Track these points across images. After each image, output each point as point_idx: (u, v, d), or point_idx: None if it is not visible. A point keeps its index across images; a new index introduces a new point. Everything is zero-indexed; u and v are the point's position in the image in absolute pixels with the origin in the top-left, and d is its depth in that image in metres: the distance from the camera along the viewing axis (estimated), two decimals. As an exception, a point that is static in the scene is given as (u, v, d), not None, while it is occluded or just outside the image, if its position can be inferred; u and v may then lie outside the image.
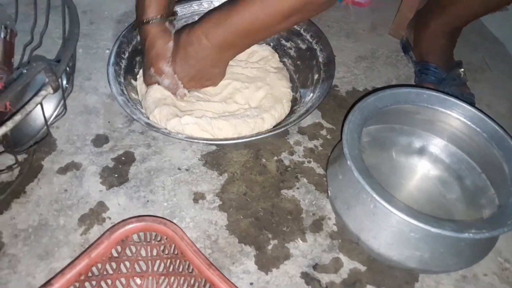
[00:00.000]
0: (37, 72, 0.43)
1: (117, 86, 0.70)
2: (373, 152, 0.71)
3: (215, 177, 0.70)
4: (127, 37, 0.78)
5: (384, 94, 0.64)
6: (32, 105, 0.44)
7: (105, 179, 0.68)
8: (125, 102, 0.68)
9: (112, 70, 0.73)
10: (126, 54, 0.78)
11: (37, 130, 0.60)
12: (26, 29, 0.81)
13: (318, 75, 0.79)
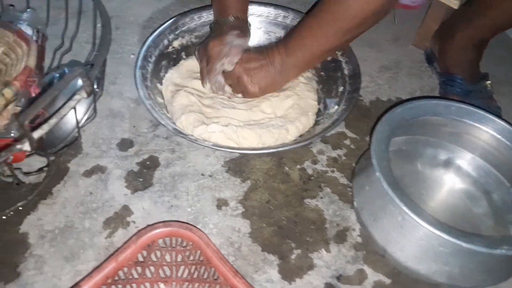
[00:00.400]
0: (74, 77, 0.44)
1: (144, 90, 0.71)
2: (397, 163, 0.70)
3: (238, 184, 0.70)
4: (154, 40, 0.80)
5: (412, 106, 0.64)
6: (66, 109, 0.45)
7: (130, 183, 0.69)
8: (152, 106, 0.69)
9: (140, 73, 0.73)
10: (153, 58, 0.79)
11: (68, 133, 0.61)
12: (55, 33, 0.83)
13: (343, 88, 0.78)
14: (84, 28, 0.83)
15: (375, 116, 0.84)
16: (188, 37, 0.85)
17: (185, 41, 0.85)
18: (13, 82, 0.47)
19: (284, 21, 0.88)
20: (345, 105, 0.75)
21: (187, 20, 0.85)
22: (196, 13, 0.86)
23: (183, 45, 0.85)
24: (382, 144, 0.58)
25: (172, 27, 0.83)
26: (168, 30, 0.83)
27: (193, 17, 0.85)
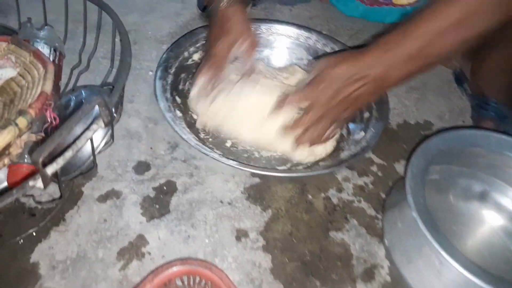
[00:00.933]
0: (92, 107, 0.41)
1: (164, 102, 0.69)
2: (429, 194, 0.66)
3: (259, 213, 0.66)
4: (174, 52, 0.78)
5: (448, 136, 0.59)
6: (83, 140, 0.42)
7: (145, 209, 0.65)
8: (173, 119, 0.66)
9: (160, 84, 0.71)
10: (173, 70, 0.77)
11: (84, 161, 0.58)
12: (72, 47, 0.80)
13: (370, 114, 0.74)
14: (102, 42, 0.81)
15: (403, 140, 0.79)
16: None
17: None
18: (28, 111, 0.45)
19: (306, 42, 0.85)
20: (372, 131, 0.71)
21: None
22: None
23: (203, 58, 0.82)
24: (418, 179, 0.54)
25: (193, 39, 0.81)
26: (188, 42, 0.80)
27: None
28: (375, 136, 0.69)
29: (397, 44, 0.58)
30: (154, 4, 1.01)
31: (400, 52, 0.58)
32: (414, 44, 0.58)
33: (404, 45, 0.58)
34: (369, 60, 0.59)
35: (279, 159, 0.72)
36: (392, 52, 0.58)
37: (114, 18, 0.61)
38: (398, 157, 0.77)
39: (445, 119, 0.85)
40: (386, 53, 0.59)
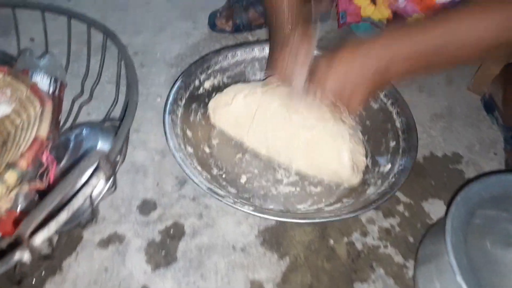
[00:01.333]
0: (91, 164, 0.36)
1: (174, 140, 0.63)
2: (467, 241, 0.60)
3: (275, 261, 0.60)
4: (185, 81, 0.72)
5: (491, 181, 0.53)
6: (80, 198, 0.36)
7: (150, 256, 0.59)
8: (183, 160, 0.60)
9: (169, 119, 0.65)
10: (183, 101, 0.70)
11: (82, 211, 0.52)
12: (75, 71, 0.75)
13: (396, 143, 0.68)
14: (108, 64, 0.75)
15: (430, 175, 0.73)
16: (220, 77, 0.77)
17: (217, 81, 0.77)
18: (19, 163, 0.39)
19: None
20: (401, 164, 0.65)
21: (220, 58, 0.77)
22: (230, 50, 0.78)
23: (214, 86, 0.77)
24: (459, 233, 0.48)
25: (204, 65, 0.75)
26: (200, 69, 0.74)
27: (226, 55, 0.77)
28: (405, 171, 0.62)
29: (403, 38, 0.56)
30: (164, 23, 0.96)
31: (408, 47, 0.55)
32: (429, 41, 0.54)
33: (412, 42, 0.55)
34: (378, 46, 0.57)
35: (298, 195, 0.66)
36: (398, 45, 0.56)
37: (120, 48, 0.55)
38: (426, 194, 0.70)
39: (474, 151, 0.78)
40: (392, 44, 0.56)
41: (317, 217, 0.58)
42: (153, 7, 0.99)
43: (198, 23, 0.96)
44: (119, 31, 0.92)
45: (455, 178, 0.73)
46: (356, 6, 0.86)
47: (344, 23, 0.91)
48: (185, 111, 0.70)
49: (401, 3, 0.76)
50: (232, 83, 0.76)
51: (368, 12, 0.86)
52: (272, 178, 0.68)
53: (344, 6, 0.88)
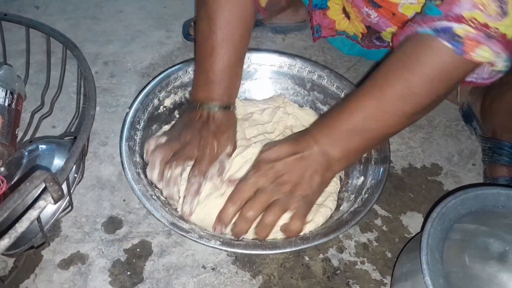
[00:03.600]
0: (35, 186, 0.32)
1: (132, 170, 0.57)
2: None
3: (247, 280, 0.57)
4: (142, 102, 0.65)
5: (468, 196, 0.51)
6: (25, 223, 0.33)
7: (115, 277, 0.56)
8: (144, 193, 0.55)
9: (126, 147, 0.59)
10: (141, 124, 0.64)
11: (36, 232, 0.48)
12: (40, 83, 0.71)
13: (369, 154, 0.66)
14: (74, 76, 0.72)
15: (409, 187, 0.71)
16: (181, 93, 0.72)
17: (178, 98, 0.71)
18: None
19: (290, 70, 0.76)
20: (372, 176, 0.63)
21: (180, 74, 0.71)
22: (190, 65, 0.71)
23: (175, 102, 0.71)
24: (436, 252, 0.46)
25: (163, 83, 0.69)
26: (158, 87, 0.68)
27: (187, 69, 0.71)
28: (378, 185, 0.60)
29: (336, 120, 0.56)
30: (137, 32, 0.93)
31: (339, 128, 0.56)
32: (353, 119, 0.55)
33: (343, 121, 0.56)
34: (308, 137, 0.57)
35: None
36: (331, 128, 0.56)
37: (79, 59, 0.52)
38: (405, 208, 0.68)
39: (454, 162, 0.77)
40: (324, 129, 0.57)
41: (288, 246, 0.53)
42: (125, 15, 0.96)
43: (172, 32, 0.93)
44: (89, 40, 0.90)
45: (434, 190, 0.72)
46: (330, 20, 0.85)
47: (319, 37, 0.89)
48: (145, 135, 0.65)
49: (374, 18, 0.75)
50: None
51: (342, 26, 0.85)
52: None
53: (318, 20, 0.87)
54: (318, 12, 0.86)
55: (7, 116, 0.54)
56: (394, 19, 0.73)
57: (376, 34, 0.82)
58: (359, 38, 0.85)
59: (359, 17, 0.79)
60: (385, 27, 0.76)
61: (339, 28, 0.86)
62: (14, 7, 0.95)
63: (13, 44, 0.80)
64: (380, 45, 0.84)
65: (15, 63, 0.77)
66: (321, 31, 0.88)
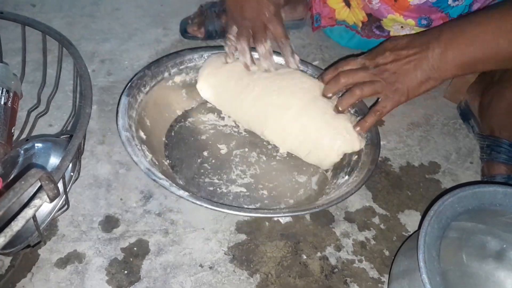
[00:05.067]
0: (30, 185, 0.32)
1: (125, 120, 0.60)
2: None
3: (245, 279, 0.57)
4: (152, 69, 0.70)
5: (465, 194, 0.51)
6: (21, 221, 0.33)
7: (112, 276, 0.56)
8: (129, 140, 0.58)
9: (126, 101, 0.63)
10: (146, 88, 0.68)
11: (32, 231, 0.48)
12: (37, 82, 0.71)
13: (358, 156, 0.66)
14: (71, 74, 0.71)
15: (406, 185, 0.71)
16: (193, 75, 0.75)
17: (189, 78, 0.75)
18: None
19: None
20: (358, 176, 0.63)
21: (196, 57, 0.75)
22: (207, 51, 0.75)
23: (185, 82, 0.74)
24: (433, 251, 0.45)
25: (177, 60, 0.73)
26: (171, 63, 0.72)
27: (203, 54, 0.75)
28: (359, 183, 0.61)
29: (464, 27, 0.57)
30: (134, 30, 0.93)
31: (467, 33, 0.56)
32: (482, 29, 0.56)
33: (472, 28, 0.56)
34: (432, 38, 0.58)
35: (249, 197, 0.64)
36: (459, 33, 0.57)
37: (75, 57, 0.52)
38: (402, 206, 0.68)
39: (451, 160, 0.77)
40: (451, 34, 0.57)
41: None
42: (122, 13, 0.96)
43: (169, 30, 0.93)
44: (85, 38, 0.89)
45: (432, 188, 0.72)
46: (330, 9, 0.85)
47: (318, 26, 0.89)
48: (148, 100, 0.68)
49: (375, 4, 0.75)
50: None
51: (342, 15, 0.85)
52: (226, 177, 0.66)
53: (318, 9, 0.86)
54: (318, 1, 0.86)
55: (3, 114, 0.54)
56: (396, 5, 0.73)
57: (376, 23, 0.82)
58: (359, 27, 0.85)
59: (361, 4, 0.79)
60: (386, 14, 0.76)
61: (339, 18, 0.86)
62: (10, 5, 0.94)
63: (9, 42, 0.79)
64: (380, 35, 0.84)
65: (11, 61, 0.77)
66: (321, 20, 0.88)
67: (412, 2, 0.71)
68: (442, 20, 0.76)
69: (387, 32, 0.83)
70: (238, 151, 0.70)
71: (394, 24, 0.80)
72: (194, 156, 0.68)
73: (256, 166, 0.68)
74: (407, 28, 0.81)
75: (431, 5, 0.72)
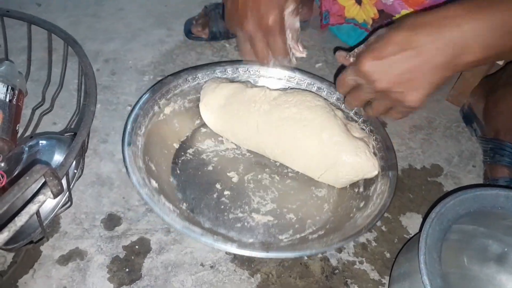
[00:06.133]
0: (34, 180, 0.33)
1: (137, 175, 0.56)
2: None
3: (245, 278, 0.57)
4: (142, 108, 0.64)
5: (467, 197, 0.51)
6: (25, 217, 0.33)
7: (113, 274, 0.56)
8: (151, 197, 0.54)
9: (130, 152, 0.58)
10: (142, 130, 0.63)
11: (35, 228, 0.48)
12: (42, 80, 0.72)
13: None
14: (75, 73, 0.72)
15: (408, 188, 0.71)
16: (181, 102, 0.71)
17: (177, 106, 0.70)
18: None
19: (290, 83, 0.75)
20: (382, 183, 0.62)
21: (180, 82, 0.70)
22: (190, 73, 0.71)
23: (175, 111, 0.70)
24: (434, 253, 0.45)
25: (163, 90, 0.68)
26: (158, 94, 0.67)
27: (187, 78, 0.71)
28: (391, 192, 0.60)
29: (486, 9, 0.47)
30: (138, 31, 0.93)
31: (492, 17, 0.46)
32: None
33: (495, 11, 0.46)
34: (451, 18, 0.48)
35: (279, 225, 0.62)
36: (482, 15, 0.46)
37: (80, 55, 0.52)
38: (404, 209, 0.68)
39: (453, 163, 0.77)
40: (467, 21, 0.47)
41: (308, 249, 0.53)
42: (126, 13, 0.97)
43: (173, 30, 0.94)
44: (90, 38, 0.90)
45: (434, 191, 0.72)
46: (340, 6, 0.84)
47: (327, 24, 0.89)
48: (146, 141, 0.63)
49: (389, 0, 0.75)
50: (193, 107, 0.71)
51: (352, 13, 0.84)
52: (248, 208, 0.63)
53: (327, 6, 0.86)
54: None
55: (8, 111, 0.55)
56: (410, 0, 0.73)
57: (387, 19, 0.81)
58: (369, 25, 0.84)
59: (373, 0, 0.79)
60: (400, 9, 0.75)
61: (348, 15, 0.85)
62: (15, 4, 0.95)
63: (15, 41, 0.80)
64: None
65: (16, 60, 0.77)
66: (329, 18, 0.88)
67: None
68: None
69: None
70: (250, 176, 0.67)
71: None
72: (208, 192, 0.64)
73: (273, 189, 0.66)
74: None
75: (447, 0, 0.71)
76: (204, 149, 0.70)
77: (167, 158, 0.67)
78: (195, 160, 0.68)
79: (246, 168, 0.68)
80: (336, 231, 0.58)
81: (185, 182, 0.65)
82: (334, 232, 0.58)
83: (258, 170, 0.68)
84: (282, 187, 0.66)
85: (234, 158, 0.69)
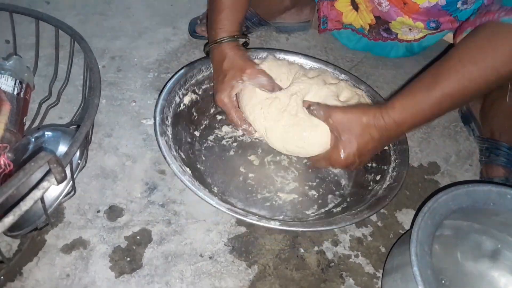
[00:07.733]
0: (38, 167, 0.34)
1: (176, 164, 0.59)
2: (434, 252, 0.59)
3: (243, 269, 0.59)
4: (166, 99, 0.67)
5: (459, 192, 0.52)
6: (29, 201, 0.35)
7: (115, 263, 0.58)
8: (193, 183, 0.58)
9: (163, 142, 0.62)
10: (169, 120, 0.67)
11: (39, 215, 0.50)
12: (50, 75, 0.74)
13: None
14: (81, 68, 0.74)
15: (405, 185, 0.72)
16: (197, 91, 0.74)
17: (194, 96, 0.73)
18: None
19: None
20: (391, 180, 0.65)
21: (195, 72, 0.73)
22: (204, 63, 0.74)
23: (192, 100, 0.73)
24: (425, 246, 0.47)
25: (182, 81, 0.71)
26: (178, 85, 0.70)
27: (200, 68, 0.74)
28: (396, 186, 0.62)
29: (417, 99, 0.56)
30: (144, 29, 0.95)
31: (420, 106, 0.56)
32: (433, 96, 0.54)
33: (424, 100, 0.55)
34: (389, 120, 0.57)
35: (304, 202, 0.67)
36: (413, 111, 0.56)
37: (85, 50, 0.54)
38: (400, 205, 0.70)
39: (451, 162, 0.78)
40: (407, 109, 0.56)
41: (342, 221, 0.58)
42: (133, 12, 0.99)
43: (179, 29, 0.96)
44: (97, 36, 0.92)
45: (430, 189, 0.73)
46: (337, 12, 0.86)
47: (325, 29, 0.91)
48: (173, 131, 0.66)
49: (385, 7, 0.77)
50: (206, 96, 0.74)
51: (350, 19, 0.86)
52: (273, 188, 0.67)
53: (325, 11, 0.88)
54: (326, 3, 0.87)
55: (16, 104, 0.57)
56: (406, 8, 0.74)
57: (384, 25, 0.83)
58: (366, 30, 0.86)
59: (369, 7, 0.80)
60: (395, 16, 0.77)
61: (346, 21, 0.87)
62: (24, 2, 0.97)
63: (23, 38, 0.82)
64: (387, 37, 0.86)
65: (25, 55, 0.80)
66: (327, 23, 0.90)
67: (421, 5, 0.72)
68: (451, 23, 0.77)
69: (395, 35, 0.85)
70: (269, 158, 0.71)
71: (403, 27, 0.82)
72: (234, 176, 0.68)
73: (292, 169, 0.70)
74: (415, 30, 0.82)
75: (440, 8, 0.73)
76: (223, 136, 0.74)
77: (191, 145, 0.71)
78: (217, 146, 0.73)
79: (265, 151, 0.72)
80: (359, 202, 0.62)
81: (211, 168, 0.69)
82: (357, 204, 0.62)
83: (275, 152, 0.71)
84: (300, 166, 0.71)
85: (252, 143, 0.74)
